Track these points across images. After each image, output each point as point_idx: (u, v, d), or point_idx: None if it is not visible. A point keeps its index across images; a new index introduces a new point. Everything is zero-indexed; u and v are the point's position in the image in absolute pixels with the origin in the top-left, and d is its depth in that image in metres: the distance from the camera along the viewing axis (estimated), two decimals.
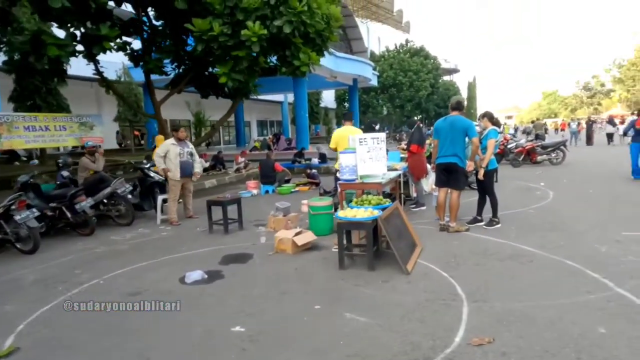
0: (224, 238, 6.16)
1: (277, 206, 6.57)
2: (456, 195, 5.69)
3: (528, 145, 13.92)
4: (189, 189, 7.76)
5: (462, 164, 5.59)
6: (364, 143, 5.77)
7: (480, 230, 5.80)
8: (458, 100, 5.70)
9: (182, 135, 7.50)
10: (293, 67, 11.03)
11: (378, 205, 4.90)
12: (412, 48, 41.36)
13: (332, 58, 23.29)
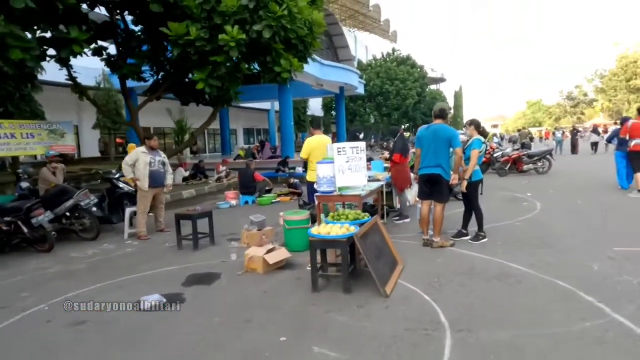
0: (192, 255, 5.72)
1: (251, 219, 6.15)
2: (440, 208, 5.35)
3: (514, 154, 13.74)
4: (161, 201, 7.32)
5: (446, 175, 5.27)
6: (342, 152, 5.42)
7: (466, 246, 5.46)
8: (441, 107, 5.39)
9: (154, 144, 7.07)
10: (274, 73, 10.68)
11: (355, 220, 4.53)
12: (398, 57, 41.46)
13: (317, 65, 23.06)
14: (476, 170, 5.51)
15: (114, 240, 6.89)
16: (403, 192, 7.23)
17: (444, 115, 5.34)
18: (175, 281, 4.59)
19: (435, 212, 5.36)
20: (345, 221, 4.48)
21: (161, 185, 7.10)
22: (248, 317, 3.60)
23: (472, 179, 5.50)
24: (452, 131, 5.27)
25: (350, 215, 4.63)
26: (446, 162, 5.25)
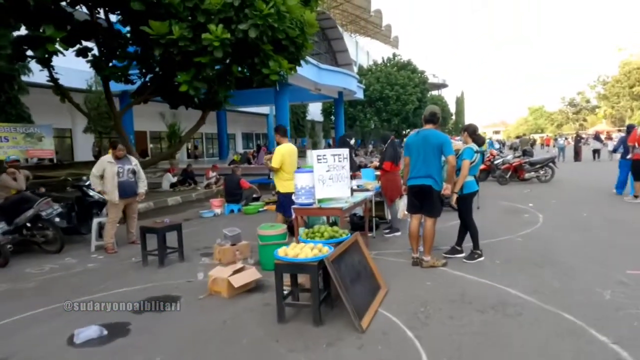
0: (156, 273, 5.16)
1: (224, 233, 5.60)
2: (431, 223, 4.79)
3: (515, 162, 13.18)
4: (133, 210, 6.77)
5: (438, 186, 4.71)
6: (322, 161, 4.88)
7: (460, 265, 4.89)
8: (432, 111, 4.85)
9: (119, 154, 6.46)
10: (262, 75, 10.17)
11: (331, 239, 3.98)
12: (399, 62, 41.04)
13: (314, 69, 22.61)
14: (469, 182, 4.95)
15: (79, 253, 6.34)
16: (394, 203, 6.67)
17: (435, 119, 4.80)
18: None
19: (426, 228, 4.80)
20: (319, 240, 3.93)
21: (133, 194, 6.55)
22: (198, 357, 3.04)
23: (464, 192, 4.94)
24: (444, 137, 4.73)
25: (326, 232, 4.08)
26: (438, 171, 4.70)
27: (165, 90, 12.10)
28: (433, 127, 4.78)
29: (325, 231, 4.10)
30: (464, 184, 4.90)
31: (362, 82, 33.67)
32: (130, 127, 22.65)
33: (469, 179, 4.93)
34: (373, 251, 5.66)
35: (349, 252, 3.81)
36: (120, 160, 6.42)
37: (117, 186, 6.26)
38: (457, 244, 5.27)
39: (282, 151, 5.97)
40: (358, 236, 4.16)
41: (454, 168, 4.64)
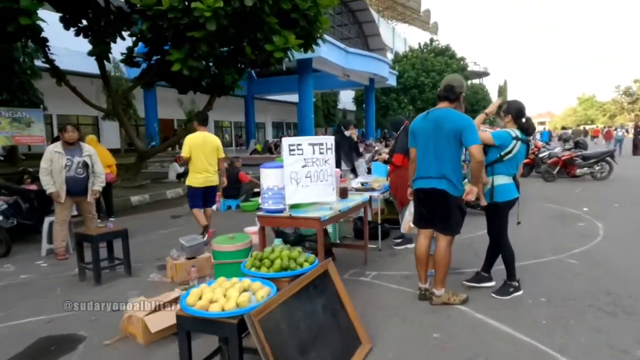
0: (86, 293, 4.03)
1: (181, 244, 4.40)
2: (445, 243, 3.37)
3: (565, 155, 11.28)
4: (87, 210, 5.45)
5: (456, 191, 3.27)
6: (296, 152, 3.55)
7: (486, 303, 3.46)
8: (448, 82, 3.38)
9: (69, 136, 5.21)
10: (265, 53, 8.88)
11: (284, 271, 2.66)
12: (436, 47, 38.62)
13: (342, 53, 21.11)
14: (505, 186, 3.46)
15: (26, 258, 5.35)
16: (405, 207, 5.26)
17: (453, 95, 3.32)
18: (8, 351, 2.90)
19: (438, 250, 3.38)
20: (265, 272, 2.62)
21: (82, 192, 5.32)
22: None
23: (497, 199, 3.46)
24: (464, 120, 3.21)
25: (283, 257, 2.76)
26: (455, 169, 3.26)
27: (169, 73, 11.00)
28: (449, 106, 3.32)
29: (283, 254, 2.77)
30: (496, 187, 3.43)
31: (396, 68, 31.74)
32: (154, 115, 22.09)
33: (505, 181, 3.45)
34: (372, 271, 4.32)
35: (307, 295, 2.48)
36: (71, 150, 5.26)
37: (64, 182, 5.13)
38: (484, 268, 3.82)
39: (189, 141, 5.57)
40: (329, 265, 2.81)
41: (480, 164, 3.17)
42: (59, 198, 5.13)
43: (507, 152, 3.38)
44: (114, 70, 19.40)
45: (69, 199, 5.21)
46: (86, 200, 5.40)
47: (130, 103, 19.80)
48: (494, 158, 3.42)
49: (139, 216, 8.05)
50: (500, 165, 3.42)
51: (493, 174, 3.44)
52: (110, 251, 4.61)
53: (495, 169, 3.44)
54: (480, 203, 3.49)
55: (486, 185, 3.45)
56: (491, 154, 3.43)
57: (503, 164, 3.41)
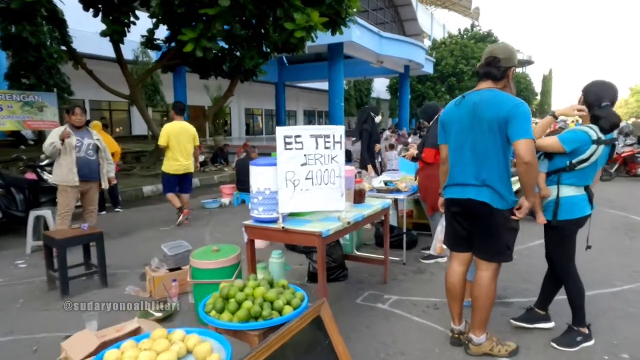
0: (48, 307, 3.40)
1: (164, 251, 3.70)
2: (489, 274, 2.46)
3: (626, 152, 9.90)
4: (92, 201, 4.99)
5: (503, 202, 2.35)
6: (293, 145, 2.74)
7: (543, 357, 2.55)
8: (492, 52, 2.37)
9: (77, 120, 4.77)
10: (286, 33, 8.05)
11: (255, 322, 1.87)
12: (477, 33, 36.52)
13: (375, 38, 19.94)
14: (575, 198, 2.50)
15: (9, 255, 4.82)
16: (438, 215, 4.36)
17: (496, 71, 2.36)
18: None
19: (479, 283, 2.48)
20: (225, 322, 1.83)
21: (94, 178, 4.88)
22: None
23: (563, 216, 2.52)
24: (513, 103, 2.25)
25: (246, 305, 1.94)
26: (501, 174, 2.34)
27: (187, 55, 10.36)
28: (493, 86, 2.40)
29: (252, 295, 1.97)
30: (562, 200, 2.49)
31: (433, 55, 30.13)
32: (183, 101, 21.79)
33: (574, 192, 2.50)
34: (392, 295, 3.48)
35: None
36: (79, 131, 4.77)
37: (75, 162, 4.63)
38: (539, 303, 2.89)
39: (167, 129, 5.88)
40: (322, 310, 1.98)
41: (528, 168, 2.21)
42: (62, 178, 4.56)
43: (582, 160, 2.42)
44: (141, 55, 19.18)
45: (74, 188, 4.66)
46: (94, 189, 4.92)
47: (157, 89, 19.51)
48: (561, 165, 2.47)
49: (146, 208, 7.49)
50: (567, 174, 2.48)
51: (558, 184, 2.50)
52: (87, 256, 3.97)
53: (561, 178, 2.49)
54: (537, 220, 2.56)
55: (546, 197, 2.52)
56: (559, 158, 2.48)
57: (574, 172, 2.47)
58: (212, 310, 1.95)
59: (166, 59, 10.37)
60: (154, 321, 2.90)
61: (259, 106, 34.57)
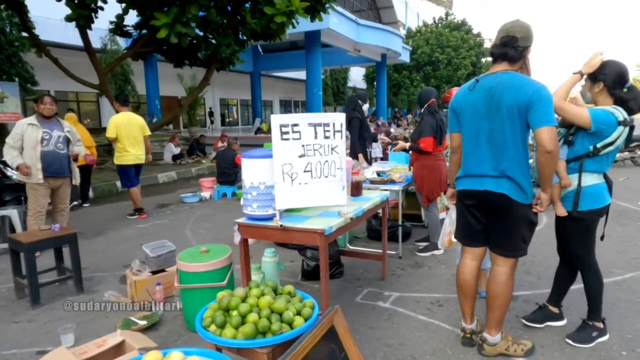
0: (16, 319, 3.07)
1: (145, 253, 3.40)
2: (507, 269, 2.31)
3: None
4: (62, 199, 4.62)
5: (523, 195, 2.18)
6: (290, 136, 2.50)
7: (560, 355, 2.43)
8: (509, 31, 2.16)
9: (46, 109, 4.35)
10: (265, 18, 7.71)
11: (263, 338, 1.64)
12: (452, 22, 36.64)
13: (352, 25, 19.68)
14: (596, 187, 2.36)
15: None
16: (432, 203, 4.21)
17: (514, 52, 2.15)
18: None
19: (495, 279, 2.32)
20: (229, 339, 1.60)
21: (64, 173, 4.49)
22: None
23: (587, 206, 2.37)
24: (534, 87, 2.06)
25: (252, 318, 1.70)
26: (521, 164, 2.17)
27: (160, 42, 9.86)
28: (509, 68, 2.21)
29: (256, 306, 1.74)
30: (584, 189, 2.35)
31: (409, 43, 30.10)
32: (156, 91, 21.00)
33: (596, 181, 2.37)
34: (392, 292, 3.30)
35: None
36: (48, 124, 4.37)
37: (39, 159, 4.24)
38: (552, 299, 2.76)
39: (116, 121, 5.80)
40: (335, 318, 1.76)
41: (550, 157, 2.04)
42: (29, 172, 4.18)
43: (608, 144, 2.27)
44: (110, 44, 18.35)
45: (46, 182, 4.28)
46: (65, 185, 4.55)
47: (128, 79, 18.73)
48: (585, 151, 2.31)
49: (121, 204, 7.08)
50: (590, 160, 2.33)
51: (580, 172, 2.34)
52: (59, 260, 3.63)
53: (584, 165, 2.34)
54: (557, 212, 2.41)
55: (566, 187, 2.37)
56: (581, 143, 2.32)
57: (597, 158, 2.32)
58: (211, 324, 1.71)
59: (137, 46, 9.83)
60: (138, 331, 2.64)
61: (234, 96, 33.87)
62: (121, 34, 10.65)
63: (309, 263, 3.61)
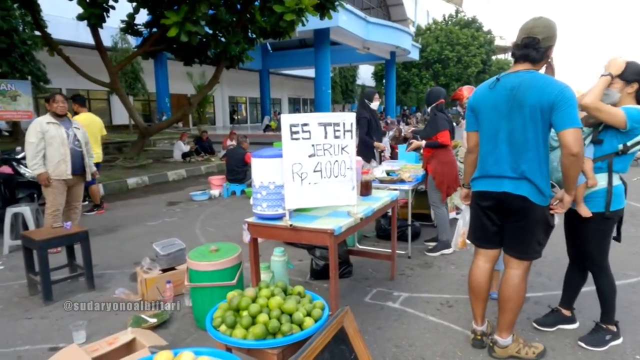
0: (29, 315, 3.11)
1: (156, 250, 3.42)
2: (520, 272, 2.28)
3: None
4: (78, 196, 4.68)
5: (542, 198, 2.15)
6: (300, 135, 2.49)
7: (571, 356, 2.40)
8: (530, 31, 2.11)
9: (61, 107, 4.39)
10: (275, 16, 7.70)
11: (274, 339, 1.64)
12: (462, 19, 36.33)
13: (362, 23, 19.64)
14: (619, 189, 2.34)
15: None
16: (442, 205, 4.18)
17: (537, 52, 2.11)
18: None
19: (509, 281, 2.29)
20: (239, 339, 1.60)
21: (79, 172, 4.57)
22: None
23: (614, 207, 2.34)
24: (558, 88, 2.02)
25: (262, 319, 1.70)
26: (541, 165, 2.14)
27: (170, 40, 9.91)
28: (532, 68, 2.18)
29: (266, 307, 1.74)
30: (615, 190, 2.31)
31: (419, 41, 29.91)
32: (165, 89, 21.15)
33: (618, 181, 2.33)
34: (401, 292, 3.29)
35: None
36: (63, 122, 4.43)
37: (69, 155, 4.35)
38: (563, 303, 2.73)
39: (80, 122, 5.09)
40: (346, 319, 1.76)
41: (575, 160, 2.01)
42: (48, 184, 4.25)
43: (637, 142, 2.22)
44: (120, 42, 18.48)
45: (63, 183, 4.35)
46: (80, 183, 4.65)
47: (138, 77, 18.86)
48: (614, 149, 2.27)
49: (132, 202, 7.15)
50: (618, 159, 2.29)
51: (610, 170, 2.31)
52: (71, 257, 3.67)
53: (613, 164, 2.30)
54: (581, 213, 2.36)
55: (591, 188, 2.32)
56: (610, 141, 2.27)
57: (623, 157, 2.28)
58: (221, 324, 1.72)
59: (148, 44, 9.89)
60: (148, 329, 2.67)
61: (243, 94, 33.95)
62: (132, 33, 10.72)
63: (318, 262, 3.61)
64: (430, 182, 4.12)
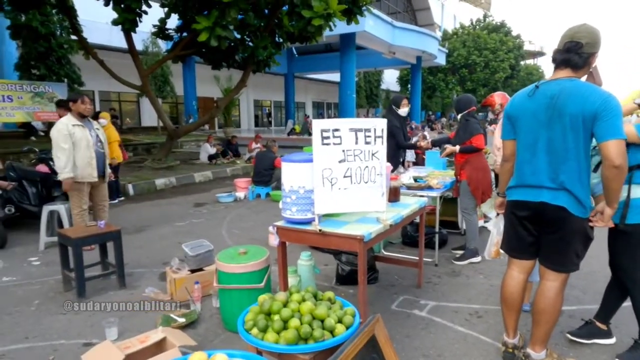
0: (63, 310, 3.20)
1: (185, 251, 3.48)
2: (557, 284, 2.21)
3: None
4: (103, 195, 4.85)
5: (582, 209, 2.09)
6: (331, 141, 2.50)
7: None
8: (573, 36, 2.07)
9: (88, 109, 4.51)
10: (303, 21, 7.75)
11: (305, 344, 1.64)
12: (490, 24, 35.75)
13: (388, 28, 19.56)
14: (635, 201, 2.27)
15: (22, 252, 4.65)
16: (473, 209, 4.11)
17: (580, 58, 2.06)
18: None
19: (544, 293, 2.23)
20: (271, 343, 1.61)
21: (102, 173, 4.70)
22: None
23: (635, 219, 2.26)
24: (602, 97, 1.96)
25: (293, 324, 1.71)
26: (581, 176, 2.08)
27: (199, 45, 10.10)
28: (574, 76, 2.13)
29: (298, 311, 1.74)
30: (632, 202, 2.24)
31: (445, 46, 29.56)
32: (193, 92, 21.58)
33: (633, 195, 2.25)
34: (428, 301, 3.25)
35: None
36: (85, 122, 4.56)
37: (95, 157, 4.49)
38: (600, 315, 2.63)
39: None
40: (377, 327, 1.74)
41: (618, 172, 1.94)
42: (85, 173, 4.40)
43: None
44: (151, 46, 18.94)
45: (87, 184, 4.49)
46: (104, 183, 4.77)
47: (167, 80, 19.29)
48: (636, 162, 2.22)
49: (159, 202, 7.30)
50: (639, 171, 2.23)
51: (630, 183, 2.24)
52: (104, 255, 3.78)
53: (634, 176, 2.23)
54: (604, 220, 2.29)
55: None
56: (633, 154, 2.21)
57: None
58: (253, 327, 1.73)
59: (178, 49, 10.11)
60: (178, 329, 2.71)
61: (267, 98, 34.28)
62: (163, 37, 10.96)
63: (344, 267, 3.60)
64: (465, 188, 4.06)
